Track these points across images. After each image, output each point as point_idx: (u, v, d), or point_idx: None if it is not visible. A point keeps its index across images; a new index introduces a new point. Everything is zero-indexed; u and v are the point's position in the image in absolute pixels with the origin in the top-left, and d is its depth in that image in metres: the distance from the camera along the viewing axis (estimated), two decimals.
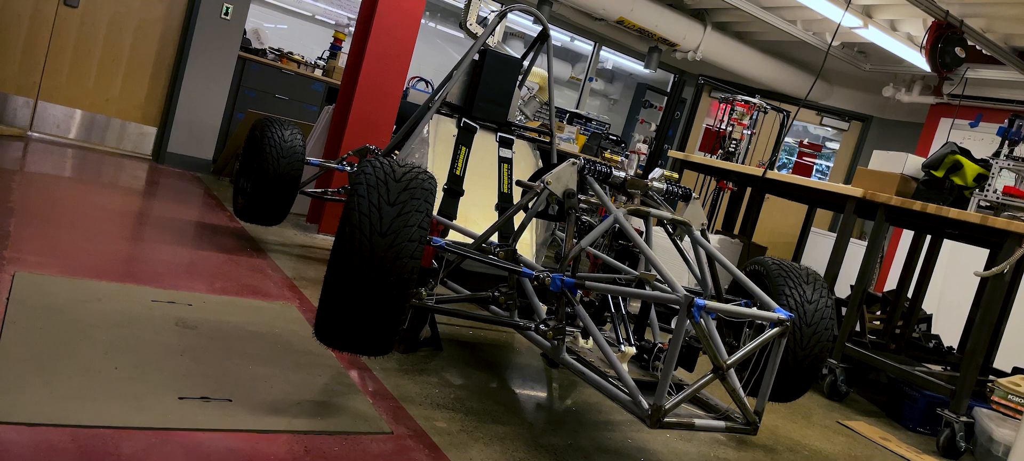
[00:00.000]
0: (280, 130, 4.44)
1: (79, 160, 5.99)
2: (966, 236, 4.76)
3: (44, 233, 3.71)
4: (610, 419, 3.15)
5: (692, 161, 6.30)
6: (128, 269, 3.53)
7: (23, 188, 4.52)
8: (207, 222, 4.95)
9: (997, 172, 4.28)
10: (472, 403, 2.93)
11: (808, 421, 3.96)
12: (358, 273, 2.35)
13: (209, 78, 6.84)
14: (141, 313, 2.98)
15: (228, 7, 6.79)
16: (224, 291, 3.56)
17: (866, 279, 4.60)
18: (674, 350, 2.31)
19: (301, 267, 4.43)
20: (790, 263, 3.22)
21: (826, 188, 4.92)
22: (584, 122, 9.10)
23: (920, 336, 5.34)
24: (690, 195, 3.19)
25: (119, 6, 6.59)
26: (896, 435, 4.17)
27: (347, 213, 2.40)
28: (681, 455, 2.94)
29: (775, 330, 2.48)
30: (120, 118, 6.79)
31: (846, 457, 3.56)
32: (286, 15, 9.07)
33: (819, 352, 2.98)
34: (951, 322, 5.86)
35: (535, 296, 2.95)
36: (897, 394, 4.48)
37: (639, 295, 2.68)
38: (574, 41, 10.32)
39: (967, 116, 7.84)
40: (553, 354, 2.77)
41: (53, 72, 6.44)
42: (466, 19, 4.75)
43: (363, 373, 2.95)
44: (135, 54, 6.72)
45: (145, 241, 4.12)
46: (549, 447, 2.70)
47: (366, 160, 2.56)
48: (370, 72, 5.52)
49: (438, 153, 4.16)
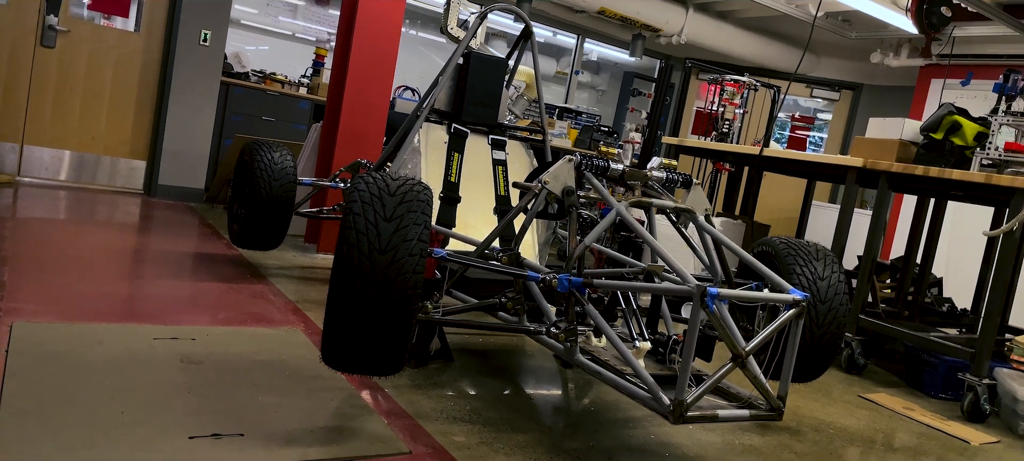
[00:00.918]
0: (269, 153, 4.38)
1: (70, 201, 5.92)
2: (971, 196, 4.71)
3: (40, 279, 3.65)
4: (630, 416, 3.09)
5: (687, 146, 6.25)
6: (128, 308, 3.47)
7: (15, 235, 4.45)
8: (204, 252, 4.88)
9: (997, 129, 4.24)
10: (489, 413, 2.87)
11: (829, 398, 3.91)
12: (361, 293, 2.30)
13: (194, 106, 6.77)
14: (144, 352, 2.92)
15: (206, 33, 6.73)
16: (227, 321, 3.50)
17: (873, 248, 4.55)
18: (691, 342, 2.26)
19: (303, 289, 4.37)
20: (798, 241, 3.17)
21: (826, 160, 4.88)
22: (574, 116, 9.05)
23: (932, 301, 5.29)
24: (691, 181, 3.14)
25: (96, 42, 6.52)
26: (919, 404, 4.12)
27: (344, 232, 2.34)
28: (706, 446, 2.89)
29: (791, 312, 2.43)
30: (108, 155, 6.72)
31: (872, 431, 3.51)
32: (266, 36, 9.00)
33: (836, 329, 2.93)
34: (961, 284, 5.81)
35: (543, 298, 2.89)
36: (916, 362, 4.43)
37: (650, 289, 2.63)
38: (557, 35, 10.26)
39: (958, 75, 7.79)
40: (567, 356, 2.71)
41: (36, 115, 6.37)
42: (446, 23, 4.69)
43: (375, 393, 2.89)
44: (117, 89, 6.65)
45: (143, 278, 4.06)
46: (571, 451, 2.64)
47: (358, 177, 2.50)
48: (355, 86, 5.46)
49: (431, 161, 4.10)
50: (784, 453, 2.99)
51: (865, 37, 8.46)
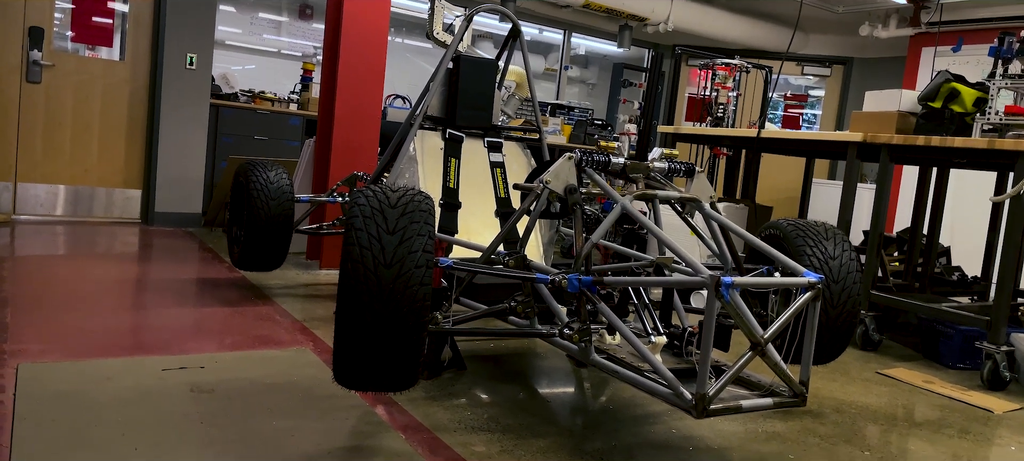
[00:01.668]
0: (264, 172, 4.33)
1: (68, 236, 5.87)
2: (974, 163, 4.68)
3: (43, 318, 3.60)
4: (649, 412, 3.05)
5: (683, 133, 6.21)
6: (134, 340, 3.42)
7: (15, 274, 4.41)
8: (207, 277, 4.84)
9: (996, 93, 4.20)
10: (507, 420, 2.83)
11: (848, 376, 3.87)
12: (369, 309, 2.25)
13: (185, 131, 6.73)
14: (153, 385, 2.88)
15: (192, 56, 6.68)
16: (235, 346, 3.46)
17: (880, 223, 4.52)
18: (708, 333, 2.22)
19: (309, 307, 4.32)
20: (806, 221, 3.14)
21: (825, 138, 4.85)
22: (567, 112, 9.02)
23: (942, 271, 5.26)
24: (694, 169, 3.10)
25: (82, 74, 6.47)
26: (937, 376, 4.08)
27: (347, 249, 2.30)
28: (729, 436, 2.85)
29: (808, 295, 2.39)
30: (103, 186, 6.67)
31: (893, 407, 3.48)
32: (251, 55, 8.96)
33: (851, 308, 2.90)
34: (968, 251, 5.77)
35: (553, 300, 2.85)
36: (931, 333, 4.39)
37: (662, 283, 2.59)
38: (543, 33, 10.23)
39: (948, 42, 7.77)
40: (582, 356, 2.67)
41: (27, 151, 6.32)
42: (432, 28, 4.64)
43: (390, 408, 2.85)
44: (106, 120, 6.60)
45: (147, 308, 4.01)
46: (593, 452, 2.60)
47: (358, 191, 2.46)
48: (345, 98, 5.41)
49: (428, 169, 4.06)
50: (808, 437, 2.95)
51: (853, 10, 8.43)
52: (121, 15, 6.72)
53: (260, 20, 8.96)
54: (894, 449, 2.94)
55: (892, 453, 2.89)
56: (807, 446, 2.86)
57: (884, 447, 2.96)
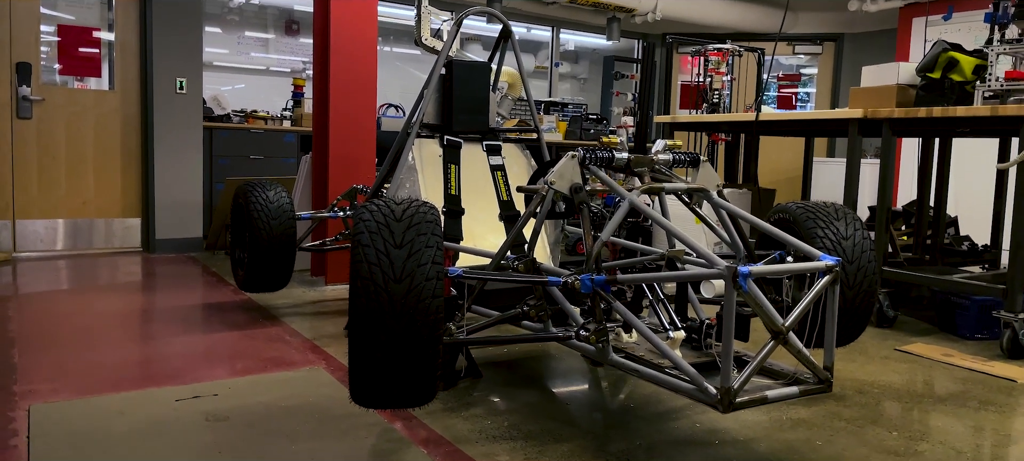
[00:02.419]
0: (264, 192, 4.30)
1: (71, 269, 5.84)
2: (977, 131, 4.65)
3: (51, 356, 3.57)
4: (670, 407, 3.02)
5: (681, 122, 6.18)
6: (145, 372, 3.38)
7: (20, 313, 4.37)
8: (212, 302, 4.80)
9: (995, 59, 4.17)
10: (528, 426, 2.80)
11: (866, 356, 3.84)
12: (382, 326, 2.22)
13: (180, 156, 6.70)
14: (168, 416, 2.84)
15: (181, 81, 6.65)
16: (247, 371, 3.42)
17: (886, 197, 4.48)
18: (729, 325, 2.18)
19: (319, 325, 4.29)
20: (815, 203, 3.10)
21: (825, 117, 4.81)
22: (561, 108, 8.99)
23: (951, 241, 5.23)
24: (698, 159, 3.06)
25: (72, 106, 6.44)
26: (956, 348, 4.05)
27: (355, 266, 2.26)
28: (754, 426, 2.82)
29: (826, 278, 2.36)
30: (102, 217, 6.64)
31: (915, 384, 3.45)
32: (240, 74, 8.91)
33: (868, 287, 2.86)
34: (975, 220, 5.74)
35: (567, 301, 2.82)
36: (946, 306, 4.36)
37: (678, 277, 2.55)
38: (532, 31, 10.20)
39: (939, 10, 7.74)
40: (600, 357, 2.63)
41: (23, 188, 6.28)
42: (420, 35, 4.60)
43: (409, 423, 2.81)
44: (100, 150, 6.56)
45: (155, 338, 3.98)
46: (618, 453, 2.57)
47: (361, 206, 2.42)
48: (338, 111, 5.37)
49: (428, 177, 4.03)
50: (834, 421, 2.92)
51: None
52: (108, 44, 6.68)
53: (247, 39, 8.91)
54: (921, 427, 2.91)
55: (919, 431, 2.86)
56: (834, 430, 2.83)
57: (911, 426, 2.93)
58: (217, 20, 8.68)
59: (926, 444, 2.72)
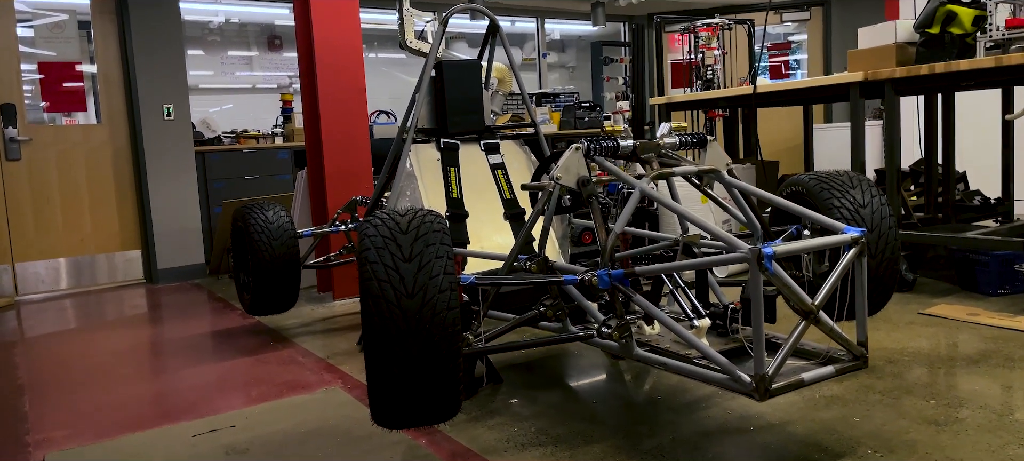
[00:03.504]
0: (262, 213, 4.22)
1: (75, 309, 5.76)
2: (981, 83, 4.57)
3: (63, 401, 3.50)
4: (698, 395, 2.95)
5: (677, 102, 6.10)
6: (160, 408, 3.31)
7: (28, 358, 4.30)
8: (221, 328, 4.74)
9: (994, 9, 4.10)
10: (555, 430, 2.73)
11: (891, 324, 3.77)
12: (398, 344, 2.14)
13: (174, 183, 6.62)
14: (187, 454, 2.77)
15: (168, 107, 6.57)
16: (263, 398, 3.35)
17: (894, 159, 4.41)
18: (758, 311, 2.11)
19: (331, 342, 4.22)
20: (828, 173, 3.03)
21: (824, 83, 4.74)
22: (552, 99, 8.91)
23: (962, 197, 5.16)
24: (705, 139, 2.99)
25: (61, 143, 6.36)
26: (981, 307, 3.98)
27: (365, 285, 2.18)
28: (787, 408, 2.74)
29: (852, 251, 2.29)
30: (102, 252, 6.56)
31: (945, 347, 3.39)
32: (228, 94, 8.82)
33: (891, 255, 2.79)
34: (983, 173, 5.66)
35: (584, 298, 2.75)
36: (966, 264, 4.29)
37: (700, 264, 2.48)
38: (516, 23, 10.11)
39: None
40: (625, 353, 2.56)
41: (20, 231, 6.20)
42: (404, 38, 4.52)
43: (434, 437, 2.75)
44: (94, 185, 6.48)
45: (167, 372, 3.91)
46: (653, 451, 2.50)
47: (365, 222, 2.34)
48: (330, 124, 5.28)
49: (428, 183, 3.95)
50: (868, 395, 2.86)
51: None
52: (91, 77, 6.60)
53: (231, 58, 8.82)
54: (957, 392, 2.84)
55: (957, 397, 2.79)
56: (869, 404, 2.76)
57: (947, 392, 2.86)
58: (199, 42, 8.59)
59: (966, 410, 2.65)
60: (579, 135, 7.73)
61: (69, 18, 6.47)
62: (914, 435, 2.46)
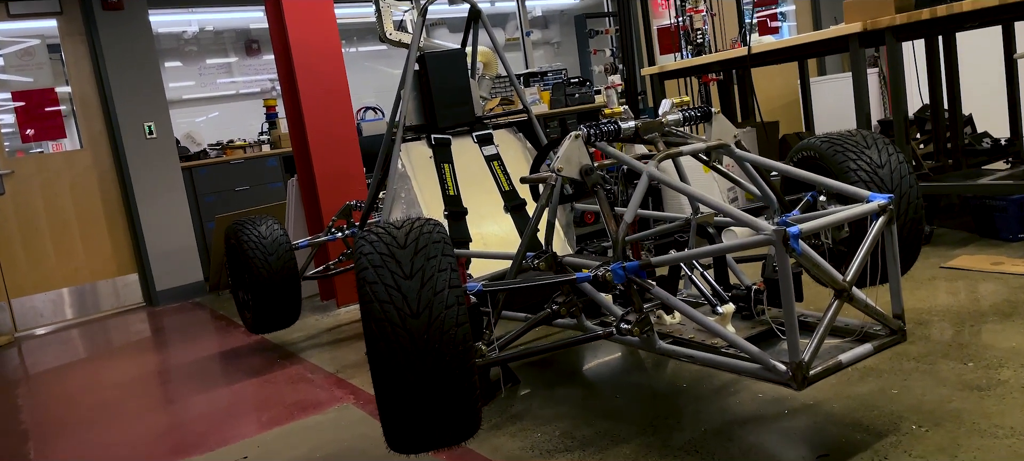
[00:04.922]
0: (255, 229, 4.09)
1: (76, 340, 5.64)
2: (984, 22, 4.43)
3: (69, 441, 3.38)
4: (726, 380, 2.84)
5: (670, 70, 5.96)
6: (171, 443, 3.20)
7: (31, 397, 4.19)
8: (226, 348, 4.62)
9: None
10: (581, 432, 2.62)
11: (913, 281, 3.64)
12: (407, 367, 1.99)
13: (164, 202, 6.48)
14: None
15: (149, 125, 6.42)
16: (274, 422, 3.24)
17: (901, 108, 4.28)
18: (788, 294, 1.99)
19: (339, 354, 4.10)
20: (839, 134, 2.89)
21: (822, 37, 4.60)
22: (540, 78, 8.74)
23: (971, 141, 5.02)
24: (710, 113, 2.86)
25: (44, 172, 6.21)
26: (1003, 254, 3.86)
27: (366, 306, 2.03)
28: (821, 387, 2.60)
29: (882, 219, 2.17)
30: (98, 279, 6.43)
31: (972, 302, 3.27)
32: (211, 104, 8.66)
33: (914, 215, 2.66)
34: (989, 115, 5.52)
35: (598, 293, 2.62)
36: (983, 210, 4.16)
37: (720, 250, 2.36)
38: (496, 4, 9.94)
39: None
40: (647, 347, 2.43)
41: (11, 266, 6.07)
42: (383, 30, 4.37)
43: (454, 450, 2.63)
44: (82, 212, 6.34)
45: (175, 402, 3.79)
46: (686, 446, 2.38)
47: (359, 236, 2.20)
48: (316, 128, 5.13)
49: (422, 182, 3.81)
50: (903, 363, 2.74)
51: None
52: (68, 99, 6.43)
53: (209, 67, 8.66)
54: (995, 352, 2.71)
55: (995, 357, 2.67)
56: (906, 374, 2.65)
57: (985, 352, 2.73)
58: (176, 53, 8.42)
59: (1007, 370, 2.54)
60: (571, 113, 7.57)
61: (39, 43, 6.30)
62: (957, 404, 2.35)
